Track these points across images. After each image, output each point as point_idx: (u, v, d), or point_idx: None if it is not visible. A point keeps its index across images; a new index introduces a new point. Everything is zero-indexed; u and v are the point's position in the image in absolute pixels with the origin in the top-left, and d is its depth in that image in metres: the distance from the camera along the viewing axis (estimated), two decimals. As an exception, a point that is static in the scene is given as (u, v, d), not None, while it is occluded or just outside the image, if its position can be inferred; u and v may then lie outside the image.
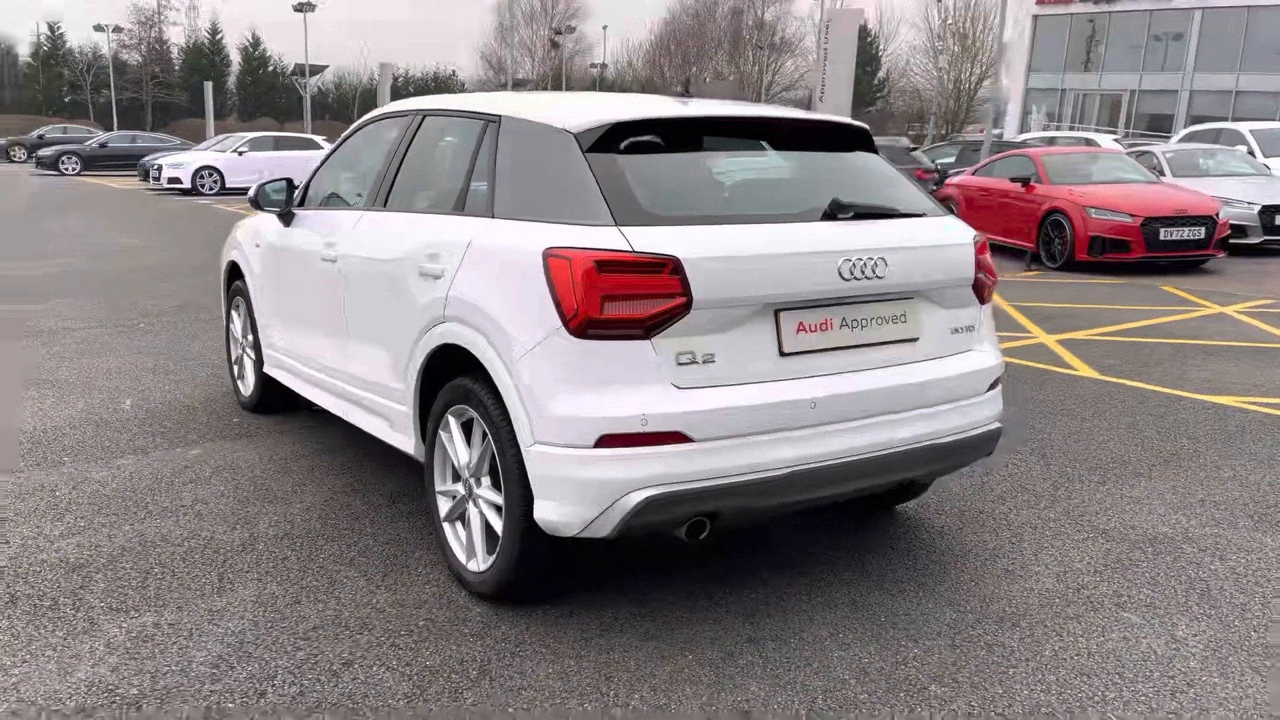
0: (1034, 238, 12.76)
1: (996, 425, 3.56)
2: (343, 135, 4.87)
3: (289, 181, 4.75)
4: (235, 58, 68.53)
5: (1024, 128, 41.11)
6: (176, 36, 68.25)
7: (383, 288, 3.73)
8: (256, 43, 68.44)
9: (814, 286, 3.04)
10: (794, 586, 3.46)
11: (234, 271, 5.44)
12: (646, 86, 77.11)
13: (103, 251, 13.04)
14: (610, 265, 2.80)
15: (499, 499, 3.13)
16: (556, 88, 66.36)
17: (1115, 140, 24.42)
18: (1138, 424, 5.57)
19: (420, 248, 3.50)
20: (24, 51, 63.42)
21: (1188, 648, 3.09)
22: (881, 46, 68.56)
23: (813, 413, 3.00)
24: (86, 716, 2.61)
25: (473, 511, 3.30)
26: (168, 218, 18.47)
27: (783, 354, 3.01)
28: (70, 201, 22.02)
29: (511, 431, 2.99)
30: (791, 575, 3.56)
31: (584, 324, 2.79)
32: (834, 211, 3.18)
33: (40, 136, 41.91)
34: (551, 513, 2.90)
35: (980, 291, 3.52)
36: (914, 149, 23.21)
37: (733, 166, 3.48)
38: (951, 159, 21.24)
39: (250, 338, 5.28)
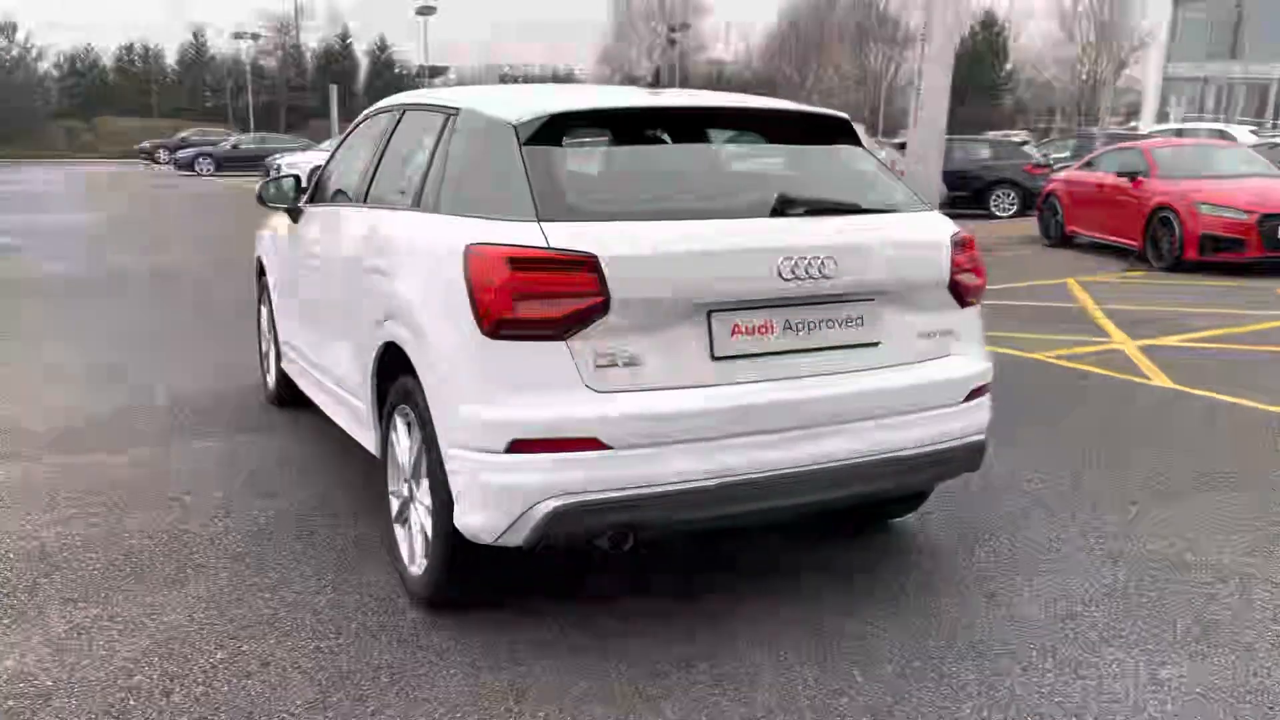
0: (1140, 236, 12.00)
1: (978, 437, 3.29)
2: (346, 130, 4.88)
3: (297, 178, 4.79)
4: (364, 61, 70.99)
5: (1160, 119, 38.95)
6: (310, 41, 71.04)
7: (348, 284, 3.70)
8: (384, 46, 70.72)
9: (750, 287, 2.85)
10: (756, 603, 3.27)
11: (261, 267, 5.54)
12: (765, 83, 76.47)
13: (203, 243, 13.60)
14: (524, 262, 2.68)
15: (431, 502, 3.05)
16: (671, 86, 66.37)
17: (1252, 131, 22.88)
18: (1197, 440, 5.12)
19: (374, 244, 3.46)
20: (171, 59, 67.14)
21: (1166, 692, 2.78)
22: (1011, 37, 66.10)
23: (746, 421, 2.81)
24: (-5, 706, 2.65)
25: (412, 514, 3.23)
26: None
27: (715, 358, 2.83)
28: (190, 199, 23.12)
29: (434, 433, 2.90)
30: (760, 590, 3.36)
31: (496, 323, 2.68)
32: (782, 207, 2.98)
33: (183, 139, 44.26)
34: (469, 518, 2.81)
35: (961, 294, 3.25)
36: (1025, 143, 22.23)
37: (683, 160, 3.31)
38: (1066, 153, 20.30)
39: (273, 333, 5.37)
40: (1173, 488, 4.40)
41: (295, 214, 4.73)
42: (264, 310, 5.64)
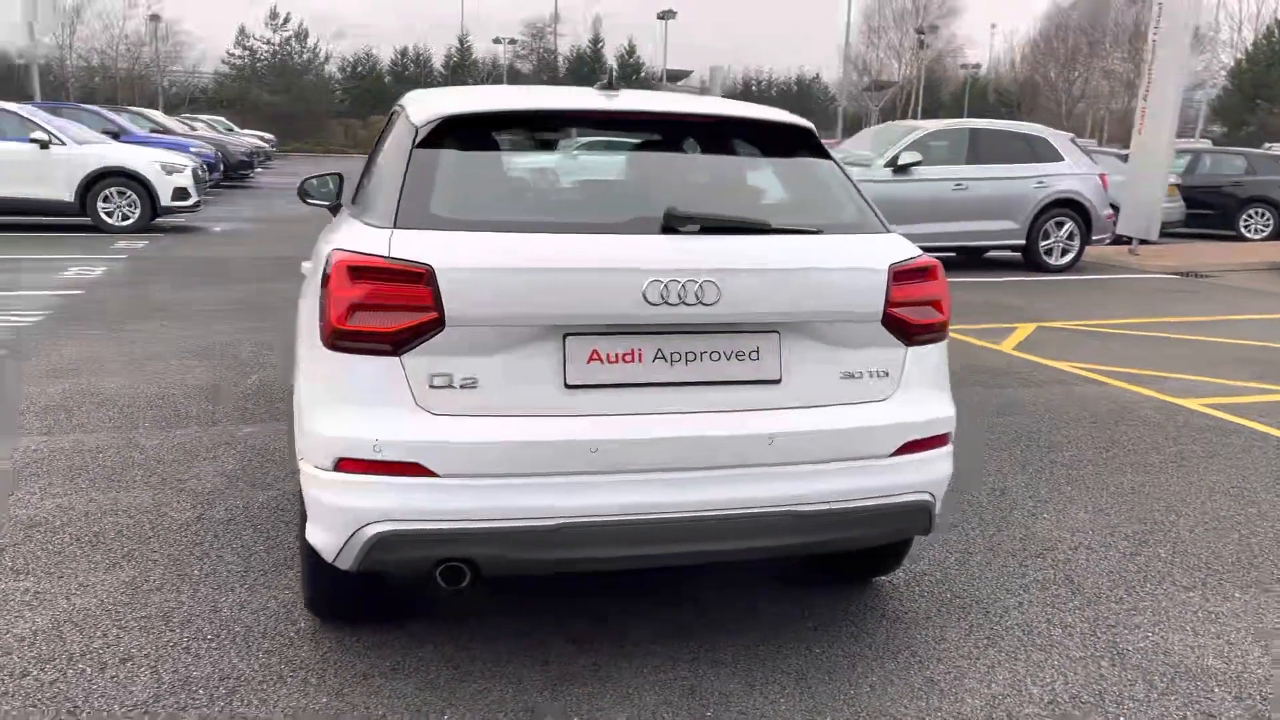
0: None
1: (919, 497, 2.84)
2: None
3: (340, 176, 4.85)
4: (613, 64, 73.16)
5: None
6: (564, 46, 74.01)
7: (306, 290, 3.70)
8: (632, 50, 72.55)
9: (610, 310, 2.57)
10: (657, 654, 2.98)
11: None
12: (1025, 87, 72.18)
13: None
14: (363, 271, 2.54)
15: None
16: (920, 89, 63.95)
17: None
18: (1323, 516, 4.25)
19: (319, 250, 3.43)
20: (438, 63, 71.84)
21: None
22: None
23: (595, 458, 2.54)
24: (-123, 667, 2.81)
25: (308, 523, 3.17)
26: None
27: (568, 386, 2.57)
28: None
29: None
30: (682, 638, 3.06)
31: (333, 334, 2.56)
32: (674, 224, 2.67)
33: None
34: (313, 535, 2.70)
35: (904, 330, 2.81)
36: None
37: (582, 168, 3.06)
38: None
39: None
40: (1239, 576, 3.66)
41: (336, 212, 4.80)
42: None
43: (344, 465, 2.54)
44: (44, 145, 13.58)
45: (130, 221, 13.91)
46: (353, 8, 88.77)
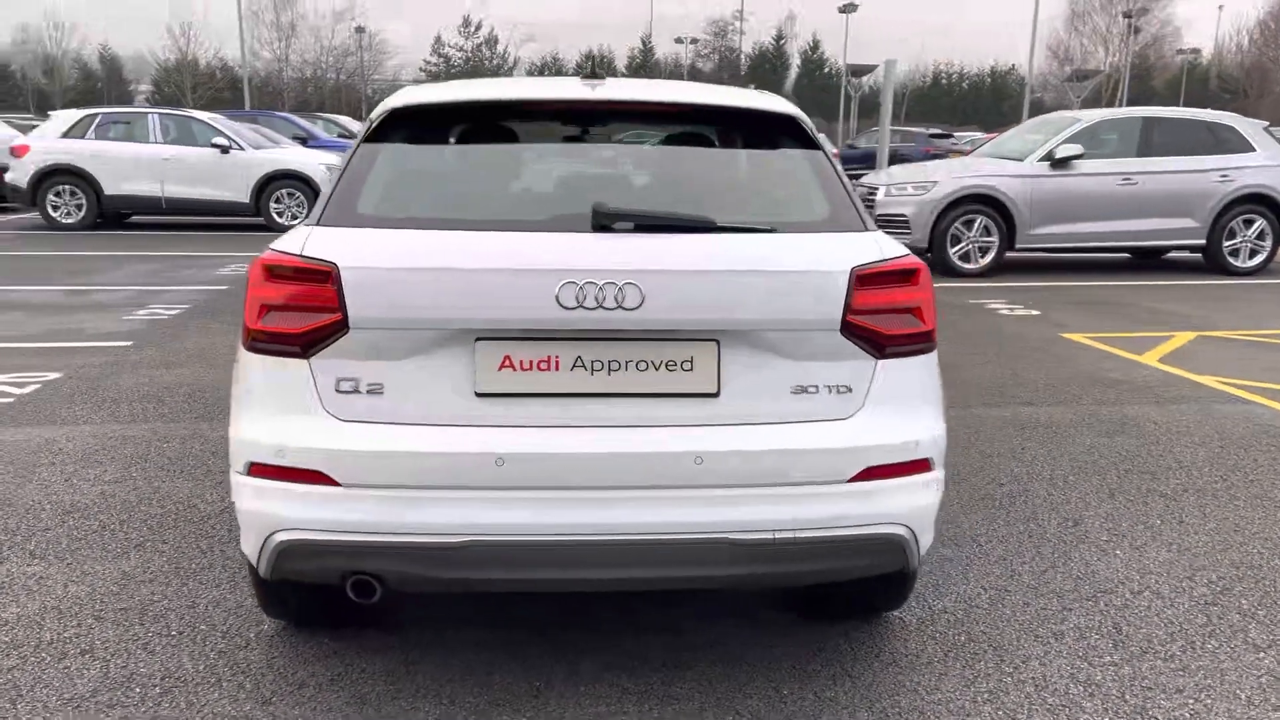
0: None
1: (889, 529, 2.50)
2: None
3: None
4: (795, 61, 72.21)
5: None
6: (747, 45, 73.57)
7: None
8: (816, 45, 71.27)
9: (521, 314, 2.37)
10: (607, 684, 2.77)
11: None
12: (1252, 73, 66.34)
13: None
14: (275, 271, 2.46)
15: None
16: (1126, 78, 59.77)
17: None
18: None
19: None
20: (620, 64, 72.87)
21: None
22: None
23: (502, 472, 2.36)
24: None
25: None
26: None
27: (478, 394, 2.40)
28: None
29: None
30: (639, 669, 2.84)
31: (250, 335, 2.49)
32: (603, 221, 2.45)
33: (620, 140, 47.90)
34: (242, 540, 2.65)
35: (873, 341, 2.48)
36: None
37: (525, 162, 2.86)
38: None
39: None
40: (1345, 637, 3.08)
41: None
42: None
43: (254, 470, 2.47)
44: (224, 150, 14.54)
45: (299, 220, 14.71)
46: (542, 12, 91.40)
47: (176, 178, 14.41)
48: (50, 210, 14.33)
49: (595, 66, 3.05)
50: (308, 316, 2.40)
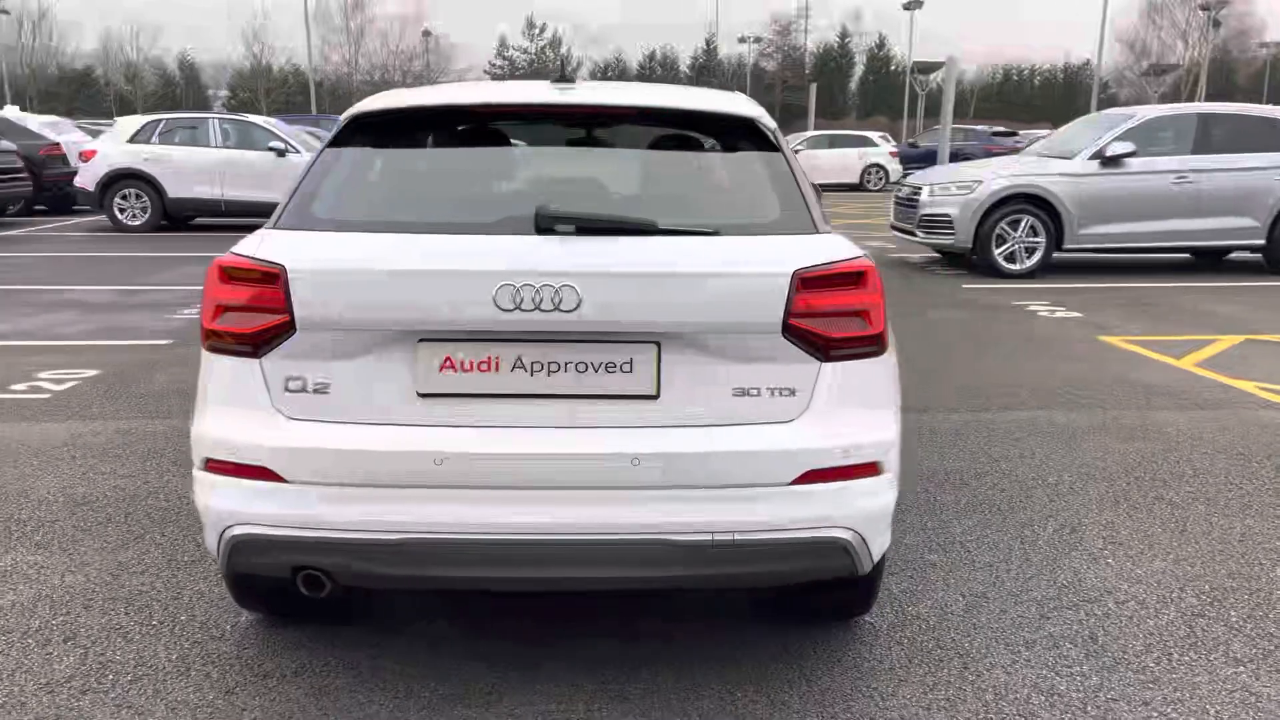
0: None
1: (833, 533, 2.48)
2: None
3: None
4: (860, 59, 71.45)
5: None
6: (811, 43, 72.98)
7: None
8: (882, 43, 70.43)
9: (460, 316, 2.41)
10: (562, 684, 2.80)
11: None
12: (1341, 66, 63.82)
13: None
14: (230, 272, 2.54)
15: None
16: (1205, 72, 57.97)
17: None
18: None
19: None
20: (684, 64, 72.97)
21: None
22: None
23: (441, 472, 2.40)
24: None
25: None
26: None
27: (420, 394, 2.45)
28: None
29: None
30: (596, 670, 2.86)
31: (206, 335, 2.57)
32: (545, 224, 2.48)
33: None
34: (204, 535, 2.73)
35: (817, 343, 2.47)
36: None
37: (475, 165, 2.89)
38: None
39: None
40: (1332, 653, 2.97)
41: None
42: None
43: (210, 465, 2.55)
44: (281, 154, 14.92)
45: (350, 222, 15.01)
46: (606, 13, 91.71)
47: (235, 181, 14.82)
48: (117, 212, 14.85)
49: (564, 70, 3.08)
50: (257, 317, 2.47)
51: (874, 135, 28.33)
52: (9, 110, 20.47)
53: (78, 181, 15.13)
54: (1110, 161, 10.68)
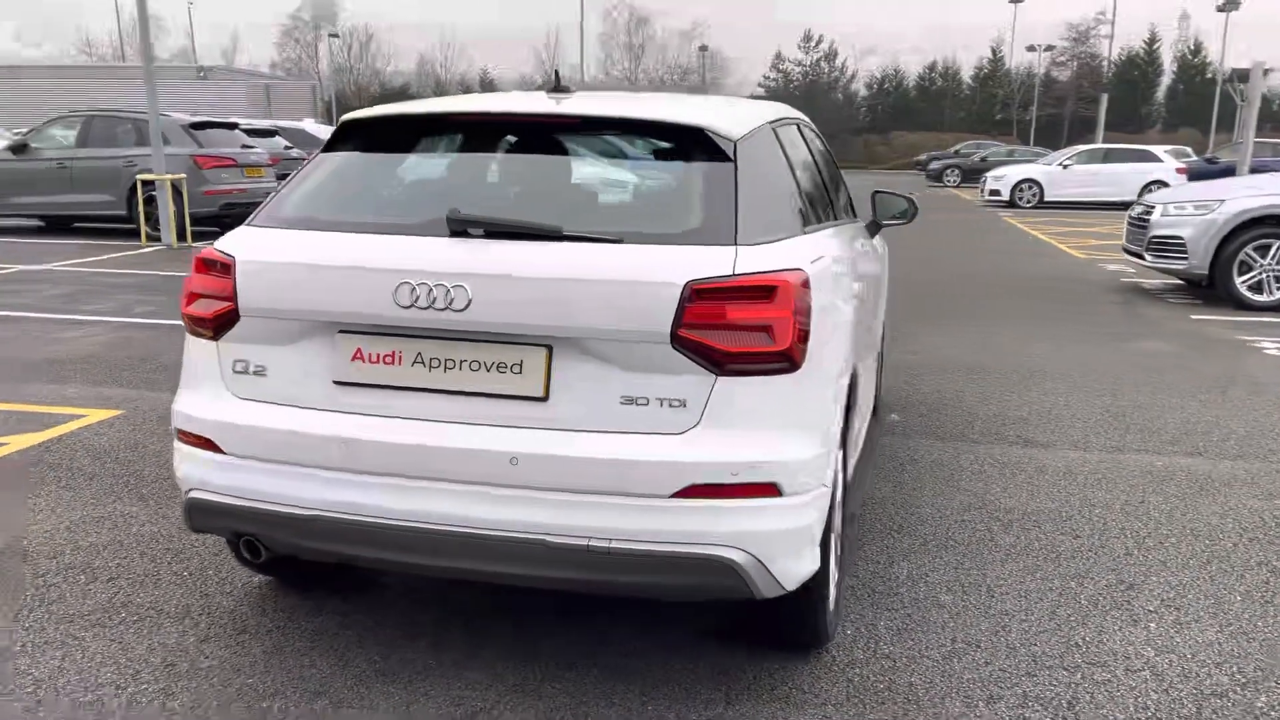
0: None
1: (720, 551, 2.42)
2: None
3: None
4: (1170, 67, 65.38)
5: None
6: (1112, 51, 67.67)
7: None
8: (1197, 49, 64.00)
9: (366, 310, 2.56)
10: (476, 672, 2.89)
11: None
12: None
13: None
14: (204, 263, 2.83)
15: None
16: None
17: None
18: None
19: None
20: (966, 75, 69.98)
21: None
22: None
23: (343, 455, 2.56)
24: (-19, 550, 3.72)
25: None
26: (947, 229, 18.66)
27: (335, 382, 2.62)
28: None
29: None
30: (518, 663, 2.93)
31: (185, 318, 2.88)
32: (457, 227, 2.58)
33: (950, 151, 46.07)
34: (189, 502, 3.04)
35: (710, 356, 2.40)
36: None
37: (449, 170, 3.03)
38: None
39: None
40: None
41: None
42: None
43: (180, 435, 2.86)
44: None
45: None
46: (883, 22, 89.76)
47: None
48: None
49: (558, 80, 3.17)
50: (214, 304, 2.75)
51: (1160, 150, 25.95)
52: (307, 122, 23.04)
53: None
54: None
